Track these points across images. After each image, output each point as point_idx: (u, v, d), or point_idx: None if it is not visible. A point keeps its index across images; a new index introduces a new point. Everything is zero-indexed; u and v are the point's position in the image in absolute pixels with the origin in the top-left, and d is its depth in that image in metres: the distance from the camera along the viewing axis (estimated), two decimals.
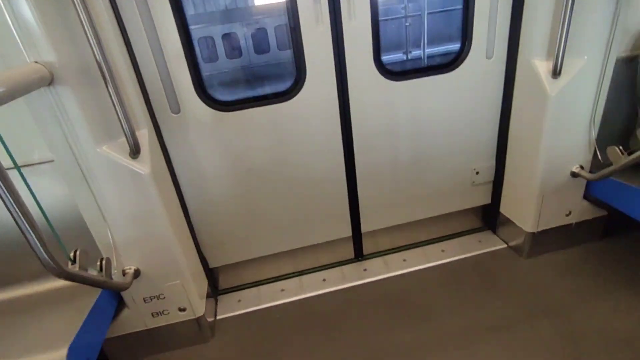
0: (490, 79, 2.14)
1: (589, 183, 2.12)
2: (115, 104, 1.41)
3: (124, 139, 1.51)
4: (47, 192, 1.56)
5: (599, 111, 1.93)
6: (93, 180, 1.56)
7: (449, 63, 2.08)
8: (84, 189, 1.58)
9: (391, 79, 2.03)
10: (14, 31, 1.25)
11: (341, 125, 2.10)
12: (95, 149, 1.48)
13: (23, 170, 1.31)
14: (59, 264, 1.15)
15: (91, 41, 1.29)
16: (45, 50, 1.28)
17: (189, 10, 1.83)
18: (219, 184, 2.12)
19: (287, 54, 2.08)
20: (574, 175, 2.06)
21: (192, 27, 1.80)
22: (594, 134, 1.97)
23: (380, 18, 1.92)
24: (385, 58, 2.03)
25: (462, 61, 2.06)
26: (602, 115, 1.95)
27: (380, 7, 1.89)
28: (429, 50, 3.77)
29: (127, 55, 1.63)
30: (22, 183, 1.31)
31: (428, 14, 3.93)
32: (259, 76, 3.33)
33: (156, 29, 1.71)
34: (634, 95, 1.96)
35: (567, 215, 2.22)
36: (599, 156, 1.99)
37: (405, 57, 4.05)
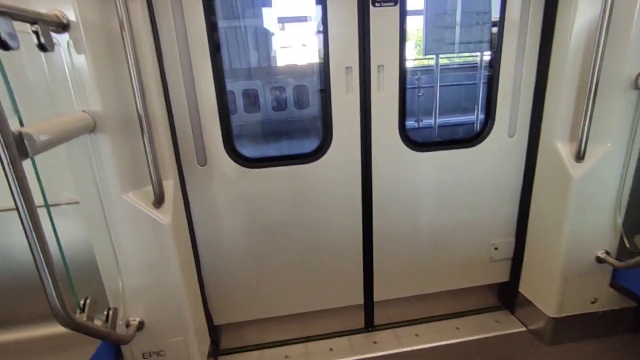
0: (511, 156, 2.17)
1: (615, 270, 2.04)
2: (148, 154, 1.45)
3: (150, 187, 1.52)
4: (64, 233, 1.56)
5: (624, 197, 1.91)
6: (113, 226, 1.55)
7: (472, 138, 2.12)
8: (103, 233, 1.57)
9: (414, 150, 2.07)
10: (70, 81, 1.34)
11: (362, 191, 2.11)
12: (121, 195, 1.50)
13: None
14: (68, 313, 1.10)
15: (136, 95, 1.36)
16: (93, 100, 1.35)
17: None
18: (234, 239, 2.10)
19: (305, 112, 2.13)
20: (600, 260, 1.98)
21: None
22: (620, 219, 1.93)
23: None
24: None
25: (484, 137, 2.10)
26: (628, 201, 1.92)
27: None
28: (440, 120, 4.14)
29: (164, 108, 1.71)
30: (44, 222, 1.31)
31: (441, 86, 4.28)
32: (277, 131, 3.49)
33: (194, 84, 1.80)
34: None
35: (592, 302, 2.11)
36: (626, 242, 1.93)
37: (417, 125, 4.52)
